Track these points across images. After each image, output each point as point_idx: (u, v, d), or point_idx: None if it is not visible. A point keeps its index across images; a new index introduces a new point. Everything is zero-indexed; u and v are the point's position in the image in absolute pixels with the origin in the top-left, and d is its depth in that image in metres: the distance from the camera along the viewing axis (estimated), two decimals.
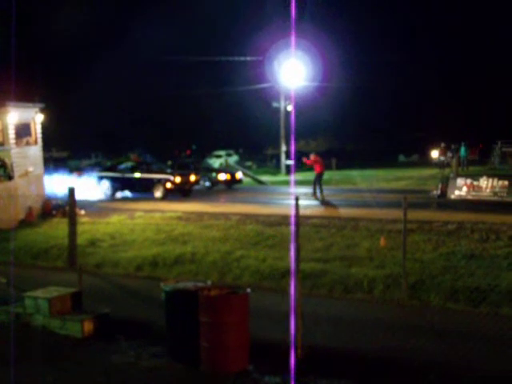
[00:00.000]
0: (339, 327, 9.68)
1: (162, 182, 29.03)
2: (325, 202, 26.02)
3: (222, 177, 35.23)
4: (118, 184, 30.42)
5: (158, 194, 29.01)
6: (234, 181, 35.87)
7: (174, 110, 78.91)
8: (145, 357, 8.30)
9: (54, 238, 17.18)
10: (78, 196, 16.37)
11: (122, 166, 31.61)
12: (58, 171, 32.33)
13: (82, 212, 21.76)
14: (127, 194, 30.57)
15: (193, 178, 30.88)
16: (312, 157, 28.31)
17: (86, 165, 42.02)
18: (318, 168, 27.65)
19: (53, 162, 33.99)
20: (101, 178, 30.89)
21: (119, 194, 30.53)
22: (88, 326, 9.27)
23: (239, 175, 36.80)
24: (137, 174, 29.93)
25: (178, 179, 29.30)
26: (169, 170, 31.52)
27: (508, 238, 15.35)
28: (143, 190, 29.96)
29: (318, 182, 27.49)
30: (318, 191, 27.24)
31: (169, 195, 28.93)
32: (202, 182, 33.80)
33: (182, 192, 29.94)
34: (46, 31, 67.27)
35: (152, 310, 10.16)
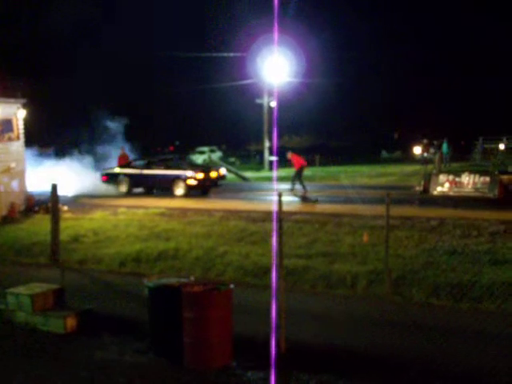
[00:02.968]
0: (322, 323, 9.72)
1: (183, 178, 27.67)
2: (305, 198, 25.99)
3: None
4: (134, 181, 29.12)
5: (180, 191, 27.64)
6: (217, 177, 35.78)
7: (157, 106, 78.71)
8: (128, 352, 8.30)
9: (37, 235, 17.12)
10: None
11: (138, 162, 30.32)
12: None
13: (65, 208, 21.69)
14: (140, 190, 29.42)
15: (214, 174, 29.41)
16: (289, 155, 28.33)
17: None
18: (296, 165, 27.66)
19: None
20: (116, 174, 29.66)
21: (135, 191, 29.31)
22: (71, 322, 9.26)
23: (222, 171, 36.73)
24: (156, 171, 28.57)
25: (200, 175, 27.84)
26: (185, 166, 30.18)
27: (489, 234, 15.49)
28: (161, 187, 28.73)
29: (297, 178, 27.47)
30: (296, 186, 27.21)
31: (190, 193, 27.72)
32: None
33: (202, 189, 28.71)
34: (29, 26, 66.87)
35: (135, 306, 10.16)
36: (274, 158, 49.21)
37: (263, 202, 24.78)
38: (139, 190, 29.61)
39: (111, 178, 29.82)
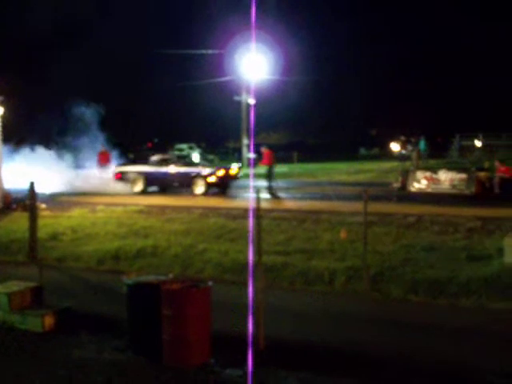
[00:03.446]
0: (301, 319, 9.75)
1: (204, 175, 26.75)
2: (275, 196, 25.86)
3: None
4: (150, 179, 28.00)
5: (200, 189, 26.66)
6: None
7: (136, 103, 78.38)
8: (107, 351, 8.28)
9: (15, 232, 17.01)
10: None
11: (154, 158, 29.15)
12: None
13: (43, 206, 21.54)
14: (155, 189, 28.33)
15: (233, 171, 28.50)
16: (263, 149, 28.09)
17: None
18: (267, 161, 27.37)
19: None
20: (131, 172, 28.55)
21: (151, 190, 28.35)
22: (49, 321, 9.21)
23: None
24: (175, 168, 27.49)
25: (220, 172, 27.04)
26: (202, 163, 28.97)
27: (466, 231, 15.61)
28: (180, 185, 27.65)
29: (271, 175, 27.14)
30: (273, 184, 26.98)
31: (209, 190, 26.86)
32: None
33: (222, 186, 27.68)
34: (7, 22, 66.32)
35: (114, 304, 10.12)
36: (251, 155, 49.25)
37: (242, 199, 24.77)
38: (153, 188, 28.72)
39: (125, 176, 28.69)
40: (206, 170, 27.08)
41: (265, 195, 24.54)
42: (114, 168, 29.96)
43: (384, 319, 9.67)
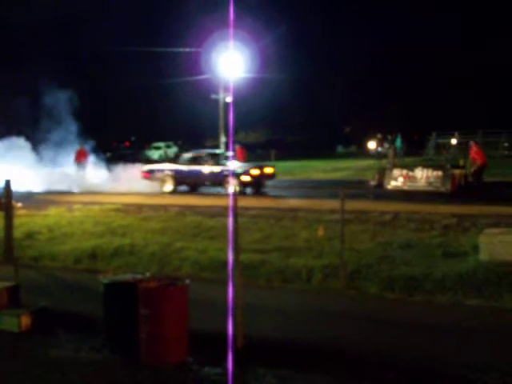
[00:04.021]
0: (278, 317, 9.77)
1: (237, 174, 25.72)
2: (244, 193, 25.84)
3: None
4: (180, 178, 27.29)
5: (234, 188, 25.09)
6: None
7: (112, 101, 77.99)
8: (84, 350, 8.25)
9: None
10: None
11: (184, 156, 28.74)
12: None
13: (19, 204, 21.39)
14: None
15: (269, 170, 27.63)
16: (237, 147, 28.12)
17: None
18: (242, 158, 27.30)
19: None
20: (159, 170, 28.07)
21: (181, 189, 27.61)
22: (25, 321, 9.16)
23: None
24: (207, 167, 26.71)
25: (255, 171, 26.11)
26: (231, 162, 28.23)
27: (442, 228, 15.73)
28: (212, 184, 27.00)
29: None
30: None
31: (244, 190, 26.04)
32: None
33: (257, 186, 26.64)
34: None
35: (91, 303, 10.06)
36: (229, 154, 49.17)
37: (218, 196, 24.75)
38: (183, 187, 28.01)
39: (154, 175, 28.00)
40: (240, 169, 26.25)
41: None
42: (91, 166, 29.75)
43: (361, 316, 9.72)
